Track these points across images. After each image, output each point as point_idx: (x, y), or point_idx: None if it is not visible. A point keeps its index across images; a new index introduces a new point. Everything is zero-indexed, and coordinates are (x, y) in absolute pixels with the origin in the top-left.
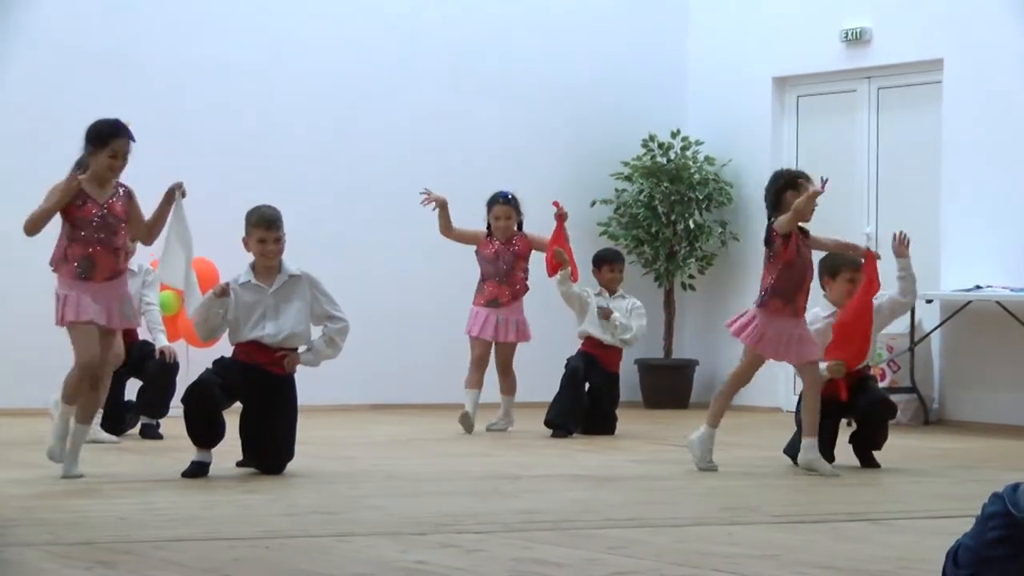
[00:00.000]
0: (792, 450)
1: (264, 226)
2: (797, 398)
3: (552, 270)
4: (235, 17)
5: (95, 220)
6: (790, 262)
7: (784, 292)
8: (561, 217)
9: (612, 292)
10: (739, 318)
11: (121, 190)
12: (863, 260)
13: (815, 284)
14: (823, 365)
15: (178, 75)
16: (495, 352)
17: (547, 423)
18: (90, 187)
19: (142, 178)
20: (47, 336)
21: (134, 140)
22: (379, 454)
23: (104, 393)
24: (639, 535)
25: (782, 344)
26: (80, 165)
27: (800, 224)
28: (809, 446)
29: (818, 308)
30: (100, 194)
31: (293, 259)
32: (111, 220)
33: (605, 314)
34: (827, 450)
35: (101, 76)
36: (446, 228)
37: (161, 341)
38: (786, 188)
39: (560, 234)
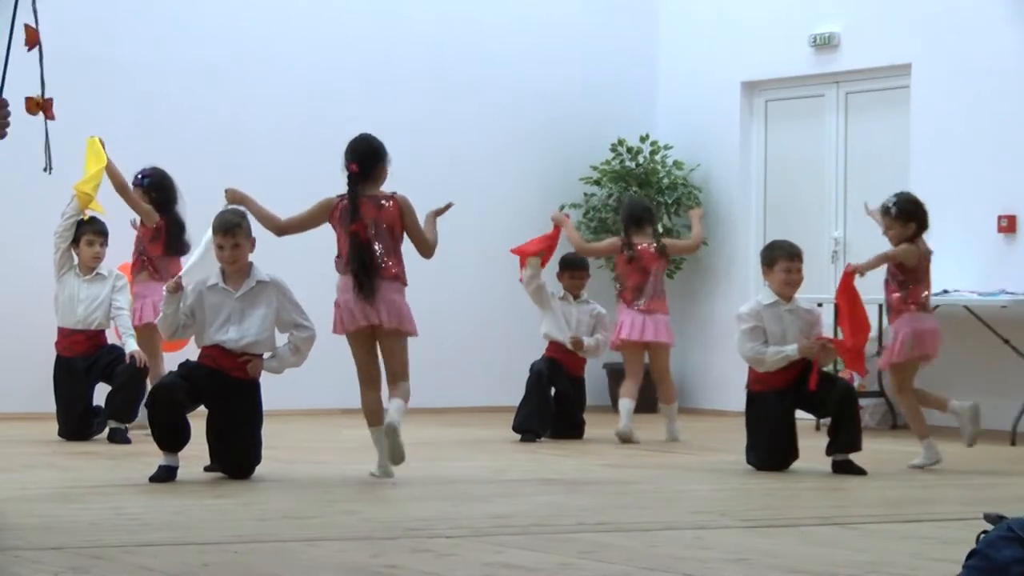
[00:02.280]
0: (750, 456)
1: (221, 232)
2: (746, 400)
3: (522, 251)
4: (216, 20)
5: None
6: None
7: None
8: (559, 225)
9: (575, 296)
10: None
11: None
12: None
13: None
14: (791, 347)
15: (158, 77)
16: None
17: (515, 428)
18: None
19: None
20: (13, 340)
21: None
22: (351, 458)
23: None
24: (610, 539)
25: None
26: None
27: None
28: None
29: (760, 296)
30: None
31: (269, 262)
32: None
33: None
34: (788, 447)
35: (82, 78)
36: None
37: (130, 346)
38: None
39: (545, 241)
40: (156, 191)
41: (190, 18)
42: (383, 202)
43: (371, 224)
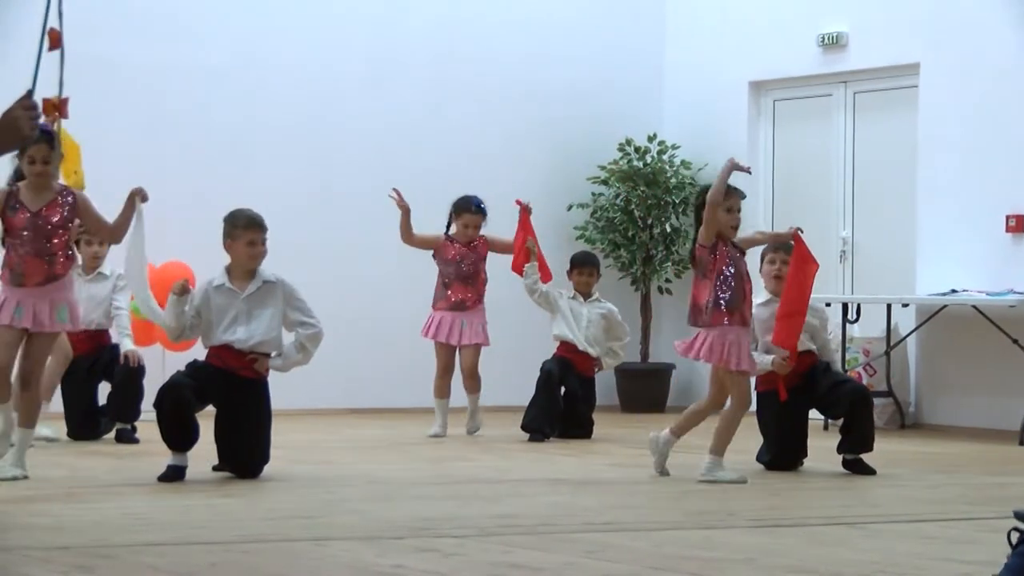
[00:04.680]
0: (763, 456)
1: (256, 228)
2: (756, 400)
3: (520, 264)
4: (219, 21)
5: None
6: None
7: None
8: (526, 210)
9: (585, 296)
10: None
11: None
12: (792, 241)
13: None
14: (768, 359)
15: (162, 79)
16: (460, 356)
17: (523, 427)
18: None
19: (122, 181)
20: None
21: (52, 147)
22: (357, 458)
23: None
24: (617, 539)
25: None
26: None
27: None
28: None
29: (756, 297)
30: (35, 201)
31: (268, 262)
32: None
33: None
34: (798, 446)
35: (81, 80)
36: (407, 234)
37: (127, 345)
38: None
39: (528, 226)
40: None
41: (193, 19)
42: None
43: None
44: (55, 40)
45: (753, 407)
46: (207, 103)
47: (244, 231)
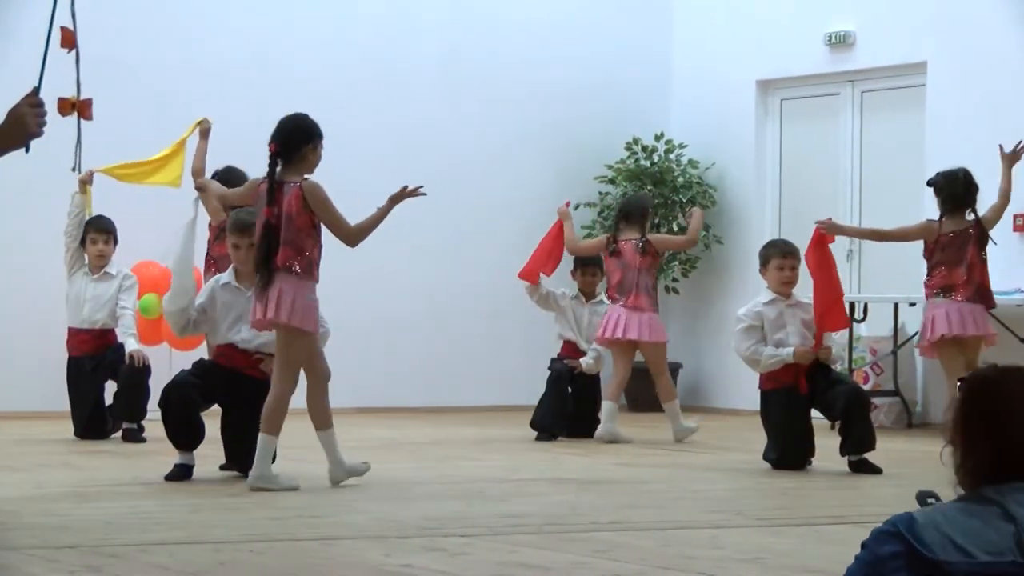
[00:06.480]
0: (769, 455)
1: (237, 231)
2: (760, 400)
3: (535, 273)
4: (227, 19)
5: None
6: None
7: None
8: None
9: (589, 296)
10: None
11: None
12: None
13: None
14: (787, 351)
15: (171, 78)
16: (626, 361)
17: (532, 425)
18: None
19: None
20: (30, 340)
21: None
22: (365, 457)
23: None
24: (624, 538)
25: None
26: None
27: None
28: None
29: (760, 296)
30: None
31: None
32: None
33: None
34: (805, 445)
35: (92, 78)
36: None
37: (131, 345)
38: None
39: (549, 242)
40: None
41: (201, 18)
42: (290, 187)
43: (280, 211)
44: (69, 40)
45: (757, 405)
46: (210, 103)
47: (229, 234)
